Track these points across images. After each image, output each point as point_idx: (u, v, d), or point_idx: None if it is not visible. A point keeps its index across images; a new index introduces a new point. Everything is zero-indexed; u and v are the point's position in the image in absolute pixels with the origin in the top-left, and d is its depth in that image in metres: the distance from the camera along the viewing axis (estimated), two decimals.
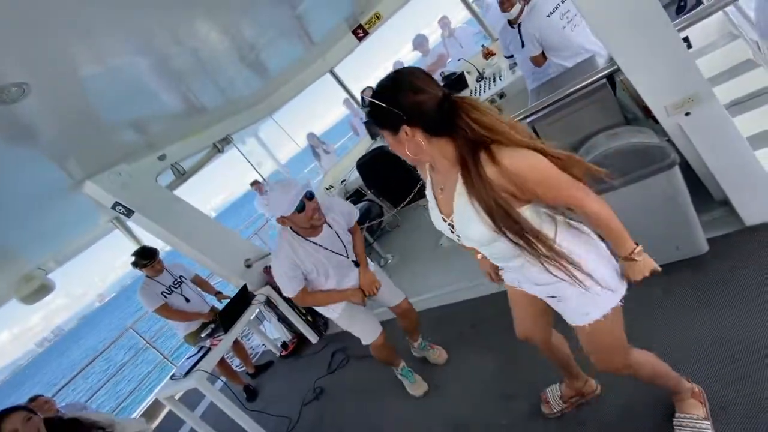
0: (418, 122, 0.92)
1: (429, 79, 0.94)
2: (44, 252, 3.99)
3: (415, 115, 0.91)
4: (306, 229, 1.80)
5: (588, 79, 1.66)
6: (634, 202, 1.66)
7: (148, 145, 3.23)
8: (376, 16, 4.24)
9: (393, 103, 0.92)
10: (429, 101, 0.91)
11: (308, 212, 1.72)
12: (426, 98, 0.91)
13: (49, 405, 3.56)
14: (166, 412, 4.25)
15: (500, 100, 3.50)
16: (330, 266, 1.90)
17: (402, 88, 0.92)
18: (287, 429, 2.69)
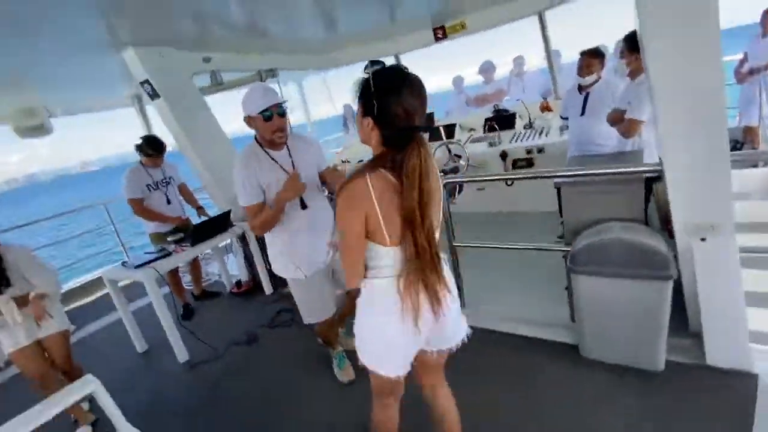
0: (382, 126, 0.97)
1: (421, 104, 0.97)
2: (57, 95, 3.93)
3: (384, 119, 0.95)
4: (266, 141, 1.79)
5: (630, 168, 1.67)
6: (618, 294, 1.69)
7: (201, 41, 3.19)
8: (461, 24, 4.23)
9: (378, 95, 0.94)
10: (402, 121, 0.94)
11: (273, 124, 1.71)
12: (402, 117, 0.94)
13: None
14: (102, 293, 4.23)
15: (537, 154, 3.52)
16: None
17: (395, 91, 0.94)
18: (208, 358, 2.69)
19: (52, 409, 1.61)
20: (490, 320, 2.40)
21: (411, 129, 0.95)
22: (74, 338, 3.51)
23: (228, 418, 2.14)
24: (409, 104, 0.94)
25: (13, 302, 1.98)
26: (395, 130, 0.95)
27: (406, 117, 0.94)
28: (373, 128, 0.98)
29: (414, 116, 0.95)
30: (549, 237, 3.06)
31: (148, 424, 1.56)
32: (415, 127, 0.96)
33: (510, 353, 2.14)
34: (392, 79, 0.96)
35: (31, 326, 2.06)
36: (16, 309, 2.00)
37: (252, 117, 1.71)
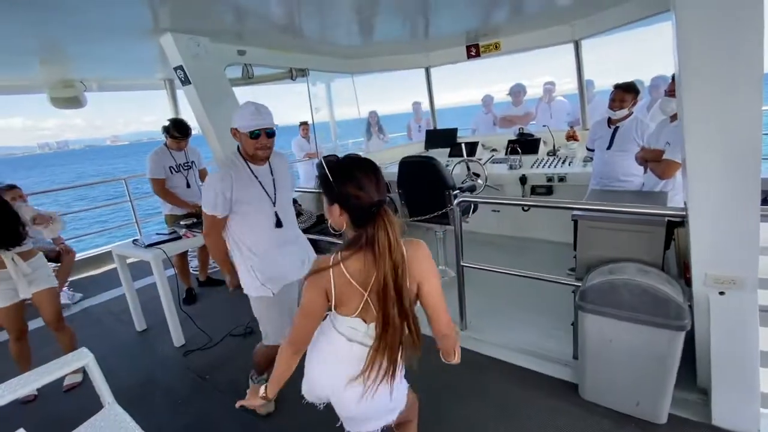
0: (347, 210, 1.05)
1: (376, 181, 1.05)
2: (94, 70, 4.06)
3: (347, 204, 1.04)
4: (248, 155, 1.79)
5: (654, 209, 1.62)
6: (625, 338, 1.63)
7: (237, 34, 3.25)
8: (495, 45, 4.22)
9: (337, 184, 1.04)
10: (363, 200, 1.02)
11: (259, 143, 1.73)
12: (362, 197, 1.02)
13: (23, 199, 3.66)
14: (110, 268, 4.31)
15: (558, 182, 3.46)
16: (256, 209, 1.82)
17: (350, 178, 1.04)
18: (203, 345, 2.70)
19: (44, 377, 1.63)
20: (490, 346, 2.35)
21: (374, 205, 1.02)
22: (78, 307, 3.59)
23: (214, 407, 2.13)
24: (365, 184, 1.03)
25: (19, 257, 2.16)
26: (359, 210, 1.03)
27: (366, 196, 1.03)
28: (341, 213, 1.06)
29: (372, 193, 1.03)
30: (560, 268, 3.00)
31: (135, 403, 1.57)
32: (377, 202, 1.03)
33: (506, 382, 2.08)
34: (345, 168, 1.06)
35: (23, 284, 2.18)
36: (23, 263, 2.17)
37: (239, 131, 1.72)
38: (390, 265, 1.01)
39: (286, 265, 1.89)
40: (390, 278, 1.01)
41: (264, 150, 1.75)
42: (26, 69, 3.58)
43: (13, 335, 2.30)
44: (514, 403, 1.93)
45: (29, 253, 2.23)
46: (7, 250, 2.11)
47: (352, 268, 1.06)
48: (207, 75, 3.12)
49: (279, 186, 1.87)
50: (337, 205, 1.06)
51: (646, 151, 2.50)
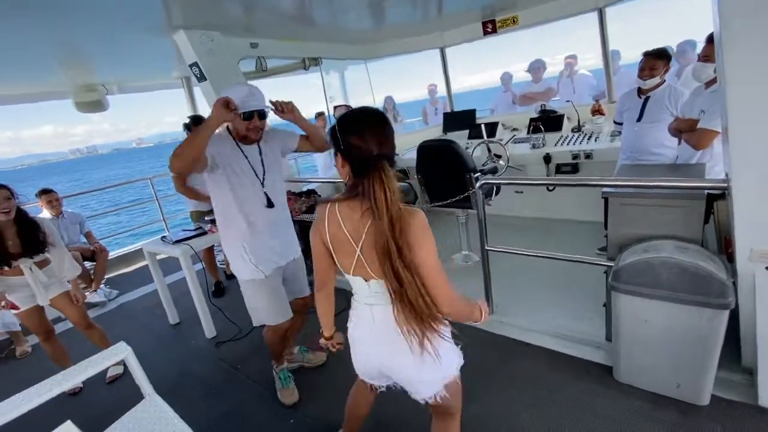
0: (348, 159, 1.06)
1: (379, 135, 1.04)
2: (113, 73, 4.15)
3: (348, 153, 1.05)
4: (239, 135, 1.79)
5: (692, 182, 1.52)
6: (664, 319, 1.56)
7: (247, 28, 3.24)
8: (513, 19, 4.05)
9: (342, 134, 1.05)
10: (362, 151, 1.03)
11: (251, 124, 1.74)
12: (362, 148, 1.02)
13: (58, 202, 3.83)
14: (142, 265, 4.46)
15: (584, 159, 3.32)
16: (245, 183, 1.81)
17: (354, 128, 1.04)
18: (233, 337, 2.77)
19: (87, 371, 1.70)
20: (518, 330, 2.31)
21: (372, 158, 1.02)
22: (115, 303, 3.74)
23: (247, 396, 2.19)
24: (368, 136, 1.02)
25: (36, 266, 2.23)
26: (359, 161, 1.04)
27: (367, 148, 1.02)
28: (344, 163, 1.07)
29: (373, 147, 1.02)
30: (588, 248, 2.90)
31: (171, 393, 1.62)
32: (377, 155, 1.02)
33: (537, 367, 2.04)
34: (352, 118, 1.08)
35: (40, 291, 2.26)
36: (40, 272, 2.25)
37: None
38: (387, 219, 0.99)
39: (276, 246, 1.91)
40: (388, 232, 0.99)
41: (255, 131, 1.77)
42: (49, 74, 3.68)
43: (41, 337, 2.43)
44: (547, 387, 1.89)
45: (45, 262, 2.30)
46: (28, 258, 2.19)
47: (344, 213, 1.07)
48: (222, 70, 3.13)
49: (268, 167, 1.87)
50: (340, 154, 1.07)
51: (680, 121, 2.35)
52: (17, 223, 2.15)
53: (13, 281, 2.22)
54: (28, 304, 2.29)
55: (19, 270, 2.19)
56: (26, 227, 2.17)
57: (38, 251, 2.21)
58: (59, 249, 2.31)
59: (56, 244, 2.30)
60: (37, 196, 3.79)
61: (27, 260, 2.19)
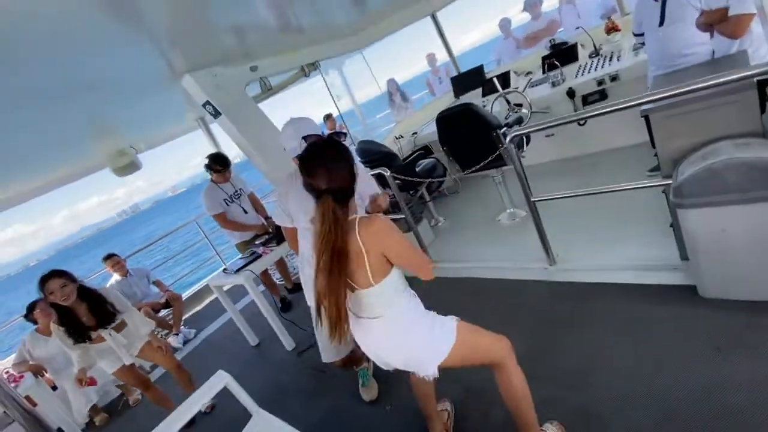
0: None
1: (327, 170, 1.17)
2: (138, 133, 4.41)
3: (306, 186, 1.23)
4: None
5: (738, 73, 1.40)
6: (741, 223, 1.47)
7: (244, 54, 3.32)
8: None
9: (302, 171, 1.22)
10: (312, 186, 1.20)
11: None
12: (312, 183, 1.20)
13: (121, 264, 4.16)
14: (211, 299, 4.77)
15: (611, 83, 3.14)
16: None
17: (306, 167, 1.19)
18: (312, 344, 2.90)
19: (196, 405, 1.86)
20: (587, 272, 2.26)
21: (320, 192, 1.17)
22: (197, 340, 4.03)
23: (340, 394, 2.31)
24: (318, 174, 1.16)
25: (114, 330, 2.43)
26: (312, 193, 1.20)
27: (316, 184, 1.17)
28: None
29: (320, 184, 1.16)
30: (636, 173, 2.76)
31: (270, 407, 1.74)
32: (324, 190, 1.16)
33: (614, 303, 1.99)
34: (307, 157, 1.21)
35: (123, 352, 2.47)
36: (119, 336, 2.45)
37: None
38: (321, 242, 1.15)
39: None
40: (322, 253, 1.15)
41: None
42: (85, 150, 3.99)
43: (141, 388, 2.69)
44: (632, 321, 1.84)
45: (121, 325, 2.50)
46: (104, 328, 2.39)
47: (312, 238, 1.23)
48: (232, 101, 3.24)
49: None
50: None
51: (707, 14, 2.15)
52: (84, 300, 2.34)
53: (99, 347, 2.45)
54: (118, 364, 2.50)
55: (101, 338, 2.41)
56: (93, 302, 2.36)
57: (110, 321, 2.41)
58: (129, 312, 2.53)
59: (125, 309, 2.51)
60: (103, 262, 4.16)
61: (104, 330, 2.39)
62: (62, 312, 2.28)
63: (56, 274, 2.25)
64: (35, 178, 4.06)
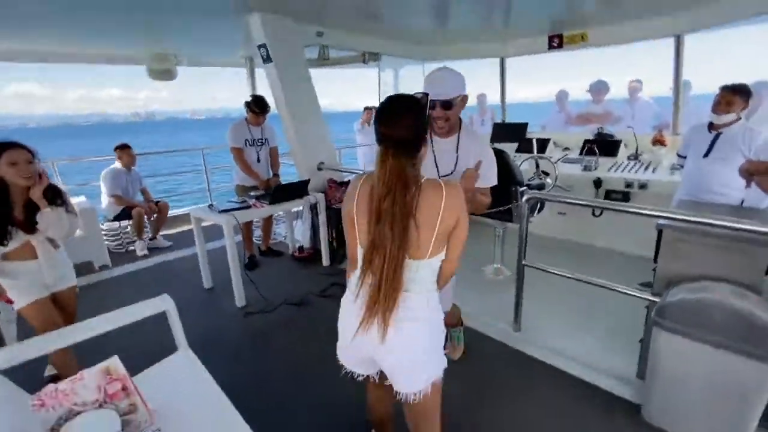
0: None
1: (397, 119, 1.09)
2: (186, 47, 4.40)
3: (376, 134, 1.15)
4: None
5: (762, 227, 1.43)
6: (708, 365, 1.48)
7: (317, 16, 3.34)
8: (582, 36, 3.93)
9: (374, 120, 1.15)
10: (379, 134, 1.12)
11: (433, 113, 1.58)
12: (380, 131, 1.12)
13: (133, 158, 4.27)
14: (185, 229, 4.71)
15: (638, 189, 3.18)
16: None
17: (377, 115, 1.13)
18: (260, 308, 2.87)
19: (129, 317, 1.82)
20: (544, 351, 2.25)
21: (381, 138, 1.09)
22: (154, 261, 3.97)
23: (269, 367, 2.27)
24: (384, 119, 1.09)
25: (48, 243, 1.89)
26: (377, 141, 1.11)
27: (380, 131, 1.09)
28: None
29: (388, 128, 1.08)
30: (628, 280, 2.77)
31: (198, 352, 1.70)
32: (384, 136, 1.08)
33: (560, 392, 1.98)
34: (381, 106, 1.13)
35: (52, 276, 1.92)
36: (54, 252, 1.93)
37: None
38: (377, 198, 1.05)
39: None
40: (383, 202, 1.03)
41: (437, 121, 1.59)
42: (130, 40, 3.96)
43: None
44: (570, 416, 1.83)
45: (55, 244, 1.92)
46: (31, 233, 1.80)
47: (364, 188, 1.12)
48: (287, 54, 3.25)
49: (461, 165, 1.66)
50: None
51: (753, 163, 2.20)
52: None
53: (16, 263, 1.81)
54: (35, 294, 1.85)
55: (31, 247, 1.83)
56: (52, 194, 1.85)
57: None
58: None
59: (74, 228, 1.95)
60: (116, 150, 4.15)
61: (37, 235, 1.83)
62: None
63: (25, 147, 1.76)
64: (69, 43, 4.02)
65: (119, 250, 4.28)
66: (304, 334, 2.58)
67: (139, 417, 1.17)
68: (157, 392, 1.33)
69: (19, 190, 1.77)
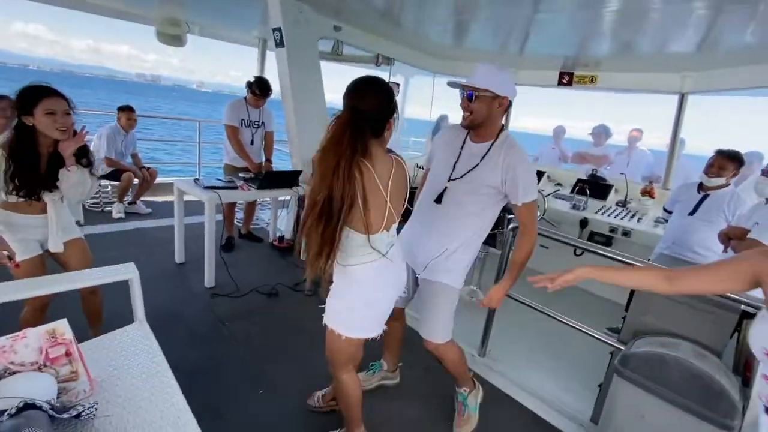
0: None
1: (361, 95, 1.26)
2: (201, 16, 4.34)
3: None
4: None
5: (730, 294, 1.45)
6: (661, 421, 1.48)
7: (337, 10, 3.32)
8: (591, 78, 4.00)
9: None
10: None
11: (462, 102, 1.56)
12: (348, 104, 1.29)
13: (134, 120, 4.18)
14: (166, 199, 4.60)
15: (620, 236, 3.23)
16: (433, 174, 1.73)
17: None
18: (229, 292, 2.81)
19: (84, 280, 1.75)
20: (505, 381, 2.25)
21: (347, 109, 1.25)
22: (132, 226, 3.86)
23: (226, 354, 2.21)
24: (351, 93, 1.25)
25: (60, 200, 1.77)
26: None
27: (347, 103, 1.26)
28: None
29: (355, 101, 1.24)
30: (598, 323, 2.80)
31: (156, 327, 1.63)
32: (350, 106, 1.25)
33: (513, 423, 1.98)
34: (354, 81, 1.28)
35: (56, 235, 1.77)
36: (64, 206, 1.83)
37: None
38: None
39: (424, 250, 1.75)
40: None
41: (464, 111, 1.54)
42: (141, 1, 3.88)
43: (36, 303, 1.76)
44: None
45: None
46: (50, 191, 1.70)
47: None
48: (301, 42, 3.22)
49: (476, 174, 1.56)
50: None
51: (732, 227, 2.27)
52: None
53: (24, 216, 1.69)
54: (30, 252, 1.72)
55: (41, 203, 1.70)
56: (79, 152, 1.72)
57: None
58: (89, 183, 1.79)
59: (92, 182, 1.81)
60: (119, 111, 4.06)
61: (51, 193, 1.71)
62: (26, 141, 1.60)
63: (63, 96, 1.63)
64: None
65: (95, 209, 4.15)
66: (268, 325, 2.53)
67: (78, 386, 1.11)
68: (104, 363, 1.27)
69: (48, 141, 1.64)
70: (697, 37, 2.68)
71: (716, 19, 2.28)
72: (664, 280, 1.01)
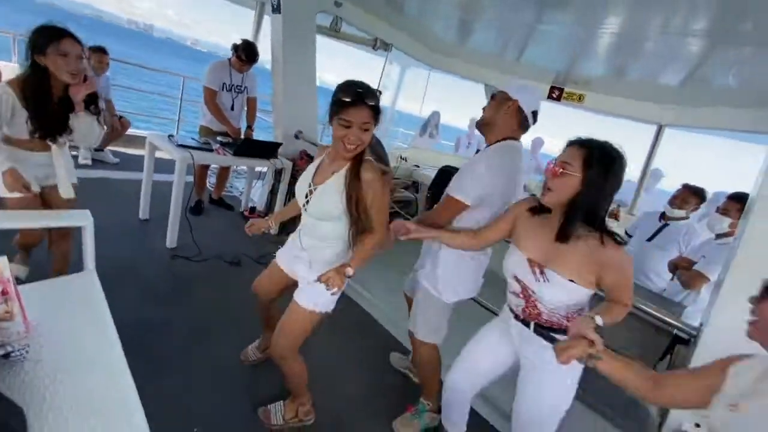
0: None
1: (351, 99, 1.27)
2: None
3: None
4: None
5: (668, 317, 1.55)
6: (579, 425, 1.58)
7: None
8: (579, 96, 4.10)
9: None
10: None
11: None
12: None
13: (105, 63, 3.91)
14: (137, 152, 4.43)
15: None
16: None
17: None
18: (191, 257, 2.75)
19: (45, 221, 1.69)
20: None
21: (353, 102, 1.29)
22: (99, 173, 3.71)
23: (178, 315, 2.17)
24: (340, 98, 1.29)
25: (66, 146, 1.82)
26: None
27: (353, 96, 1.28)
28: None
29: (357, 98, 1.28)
30: None
31: (109, 280, 1.59)
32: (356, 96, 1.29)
33: None
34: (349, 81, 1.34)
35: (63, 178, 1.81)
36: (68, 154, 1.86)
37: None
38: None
39: None
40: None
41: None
42: None
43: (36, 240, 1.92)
44: None
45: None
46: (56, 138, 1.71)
47: None
48: (299, 12, 3.14)
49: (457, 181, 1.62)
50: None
51: (680, 258, 2.41)
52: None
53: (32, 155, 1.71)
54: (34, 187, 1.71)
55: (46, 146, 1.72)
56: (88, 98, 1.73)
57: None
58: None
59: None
60: (91, 51, 3.79)
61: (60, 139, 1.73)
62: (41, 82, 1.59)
63: (77, 39, 1.60)
64: None
65: None
66: (224, 294, 2.50)
67: (13, 326, 1.08)
68: (45, 307, 1.23)
69: (58, 84, 1.63)
70: (684, 72, 2.79)
71: (707, 56, 2.38)
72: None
